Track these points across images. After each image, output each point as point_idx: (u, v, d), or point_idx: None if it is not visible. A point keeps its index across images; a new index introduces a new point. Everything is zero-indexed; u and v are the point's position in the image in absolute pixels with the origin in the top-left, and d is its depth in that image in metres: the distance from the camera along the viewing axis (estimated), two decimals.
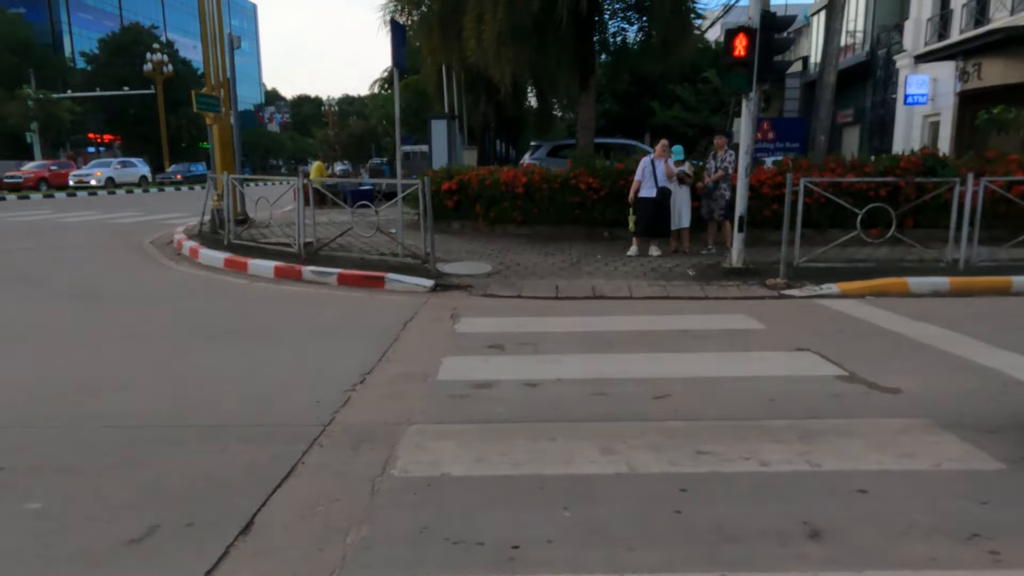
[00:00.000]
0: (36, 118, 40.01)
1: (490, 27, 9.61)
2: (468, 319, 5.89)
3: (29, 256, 9.61)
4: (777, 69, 7.82)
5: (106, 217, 16.45)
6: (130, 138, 52.07)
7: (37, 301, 6.64)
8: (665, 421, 3.43)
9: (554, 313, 6.21)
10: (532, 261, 8.73)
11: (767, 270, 7.86)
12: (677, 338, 5.21)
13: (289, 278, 7.94)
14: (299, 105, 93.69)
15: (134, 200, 24.03)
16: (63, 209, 19.10)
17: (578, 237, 10.54)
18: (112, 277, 8.07)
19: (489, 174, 11.00)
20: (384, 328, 5.52)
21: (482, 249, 9.70)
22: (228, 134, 12.86)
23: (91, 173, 31.10)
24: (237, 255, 8.91)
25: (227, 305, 6.54)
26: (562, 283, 7.49)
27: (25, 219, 15.74)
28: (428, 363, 4.50)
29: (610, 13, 11.62)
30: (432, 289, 7.29)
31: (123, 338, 5.21)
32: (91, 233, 12.86)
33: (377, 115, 26.43)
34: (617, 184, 10.01)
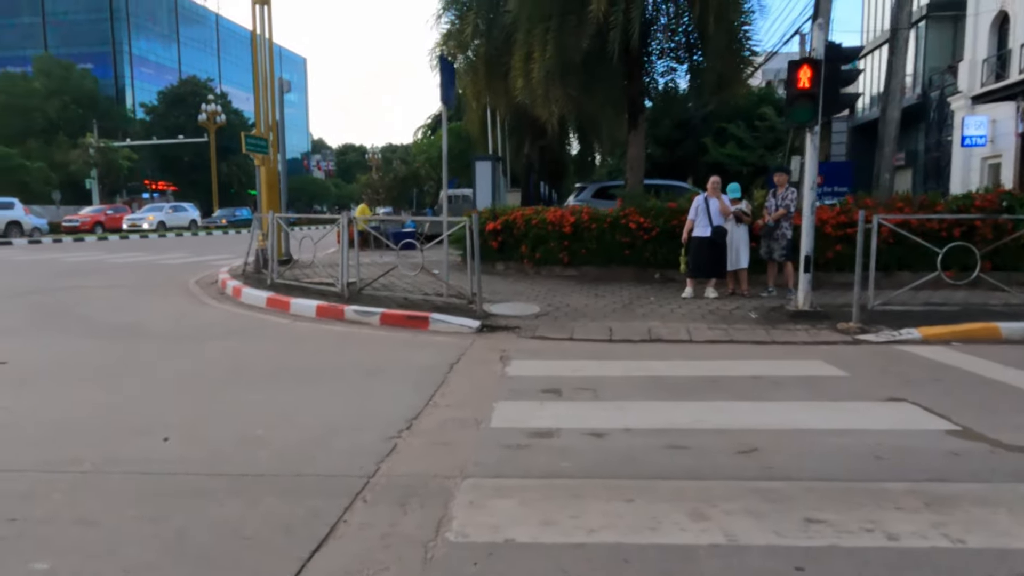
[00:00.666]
0: (96, 165, 41.87)
1: (539, 65, 9.50)
2: (518, 362, 5.51)
3: (76, 294, 9.65)
4: (843, 102, 7.42)
5: (155, 259, 16.72)
6: (183, 184, 54.07)
7: (78, 338, 6.52)
8: (758, 481, 2.96)
9: (610, 356, 5.78)
10: (581, 302, 8.34)
11: (837, 313, 7.31)
12: (750, 384, 4.73)
13: (331, 318, 7.71)
14: (344, 153, 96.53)
15: (182, 243, 24.59)
16: (114, 251, 19.56)
17: (627, 278, 10.14)
18: (154, 315, 7.96)
19: (535, 214, 10.75)
20: (430, 369, 5.17)
21: (528, 290, 9.37)
22: (275, 176, 12.98)
23: (144, 217, 32.12)
24: (279, 294, 8.76)
25: (267, 345, 6.30)
26: (615, 325, 7.07)
27: (78, 260, 16.09)
28: (479, 408, 4.12)
29: (658, 53, 11.47)
30: (478, 330, 6.95)
31: (159, 377, 4.98)
32: (138, 273, 12.99)
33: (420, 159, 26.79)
34: (669, 223, 9.63)
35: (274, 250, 9.65)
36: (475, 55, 13.55)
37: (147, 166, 52.83)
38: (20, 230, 25.26)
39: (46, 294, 9.59)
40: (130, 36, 64.04)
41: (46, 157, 43.03)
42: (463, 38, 13.26)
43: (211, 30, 76.31)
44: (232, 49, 76.31)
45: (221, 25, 77.30)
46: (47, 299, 9.08)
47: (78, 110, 50.75)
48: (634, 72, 10.60)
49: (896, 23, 9.84)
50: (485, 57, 13.34)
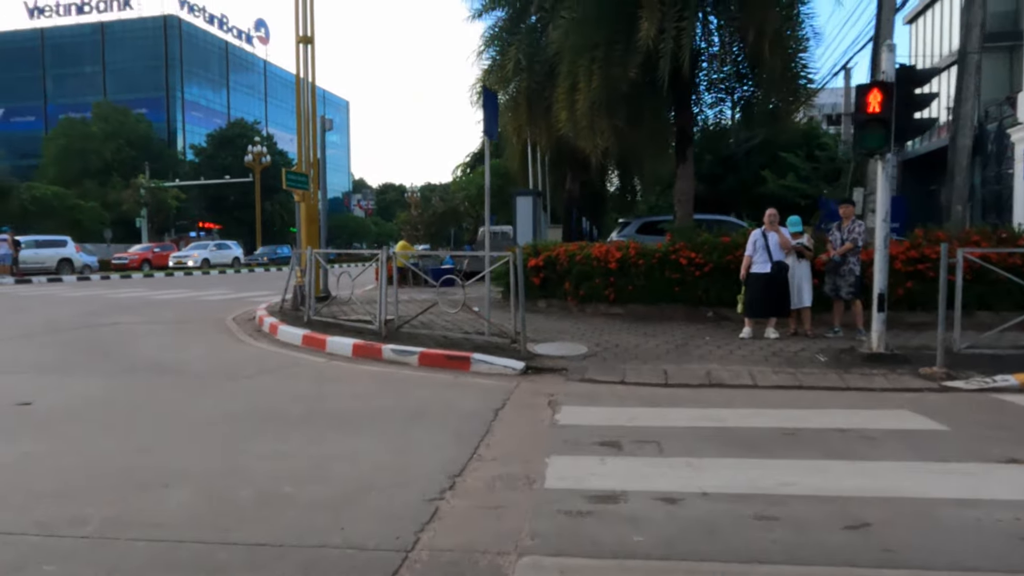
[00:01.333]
0: (146, 204, 43.26)
1: (584, 96, 9.21)
2: (569, 408, 5.03)
3: (113, 331, 9.54)
4: (918, 127, 6.89)
5: (196, 295, 16.80)
6: (228, 222, 55.49)
7: (109, 376, 6.29)
8: (882, 569, 2.42)
9: (668, 403, 5.26)
10: (631, 342, 7.83)
11: (916, 357, 6.65)
12: (837, 439, 4.15)
13: (368, 357, 7.36)
14: (384, 192, 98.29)
15: (225, 279, 24.88)
16: (158, 288, 19.80)
17: (678, 317, 9.59)
18: (188, 352, 7.74)
19: (579, 249, 10.34)
20: (472, 416, 4.73)
21: (573, 329, 8.90)
22: (315, 212, 12.91)
23: (189, 255, 32.82)
24: (316, 332, 8.48)
25: (300, 385, 5.95)
26: (670, 368, 6.54)
27: (122, 296, 16.25)
28: (530, 463, 3.65)
29: (706, 84, 11.09)
30: (523, 372, 6.50)
31: (184, 420, 4.65)
32: (178, 310, 12.95)
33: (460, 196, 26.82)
34: (723, 259, 9.10)
35: (311, 287, 9.42)
36: (516, 90, 13.40)
37: (195, 205, 54.46)
38: (71, 267, 25.95)
39: (85, 330, 9.51)
40: (183, 82, 66.94)
41: (100, 197, 44.72)
42: (504, 73, 13.14)
43: (259, 76, 79.34)
44: (278, 93, 79.06)
45: (269, 71, 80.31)
46: (85, 335, 8.98)
47: (132, 152, 52.87)
48: (682, 102, 10.22)
49: (965, 46, 9.28)
50: (526, 92, 13.18)
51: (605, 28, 8.97)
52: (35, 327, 9.84)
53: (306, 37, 12.63)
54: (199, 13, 69.06)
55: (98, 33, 66.97)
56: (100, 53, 66.97)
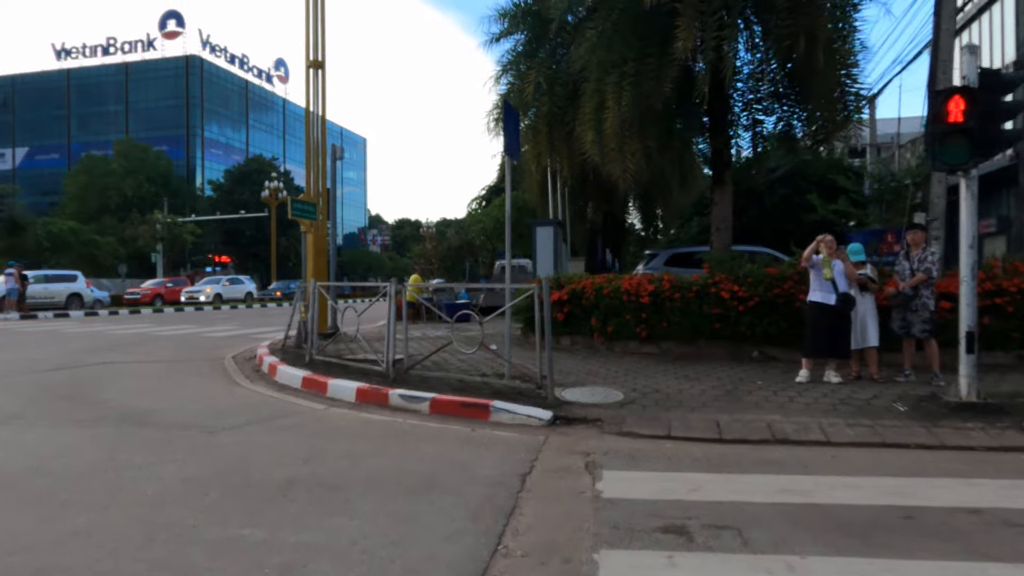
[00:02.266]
0: (162, 239, 43.20)
1: (613, 114, 8.44)
2: (613, 474, 4.10)
3: (98, 372, 8.76)
4: (1007, 139, 6.01)
5: (202, 331, 16.08)
6: (244, 257, 55.44)
7: (71, 426, 5.45)
8: None
9: (732, 466, 4.31)
10: (672, 387, 6.87)
11: (1015, 407, 5.65)
12: (974, 526, 3.18)
13: (373, 403, 6.48)
14: (399, 228, 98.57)
15: (235, 315, 24.24)
16: (165, 323, 19.14)
17: (718, 357, 8.63)
18: (172, 398, 6.90)
19: (607, 282, 9.47)
20: (494, 485, 3.82)
21: (602, 370, 7.97)
22: (323, 243, 12.20)
23: (201, 290, 32.37)
24: (317, 374, 7.63)
25: (289, 440, 5.07)
26: (723, 419, 5.58)
27: (125, 332, 15.56)
28: (573, 561, 2.73)
29: (742, 105, 10.28)
30: (551, 423, 5.58)
31: (135, 490, 3.77)
32: (179, 347, 12.19)
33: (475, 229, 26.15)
34: (769, 292, 8.18)
35: (314, 322, 8.61)
36: (536, 115, 12.72)
37: (211, 240, 54.56)
38: (80, 302, 25.47)
39: (68, 371, 8.73)
40: (203, 120, 67.95)
41: (118, 232, 44.79)
42: (523, 98, 12.48)
43: (278, 114, 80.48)
44: (297, 131, 79.96)
45: (288, 109, 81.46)
46: (65, 377, 8.20)
47: (152, 188, 53.30)
48: (719, 122, 9.41)
49: None
50: (547, 117, 12.48)
51: (637, 41, 8.24)
52: (16, 367, 9.09)
53: (316, 62, 12.11)
54: (220, 53, 70.47)
55: (122, 73, 68.45)
56: (124, 92, 68.33)
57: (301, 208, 10.90)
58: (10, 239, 32.01)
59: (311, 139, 12.25)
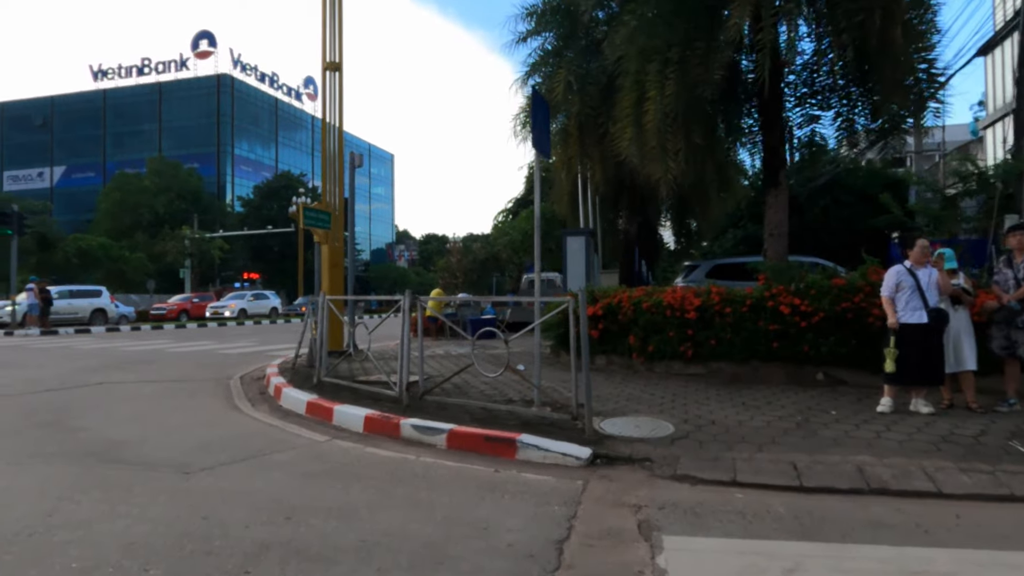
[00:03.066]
0: (191, 255, 43.33)
1: (655, 108, 7.54)
2: (676, 542, 3.16)
3: (92, 393, 8.08)
4: None
5: (218, 347, 15.48)
6: (272, 272, 55.58)
7: (34, 461, 4.70)
8: None
9: (830, 531, 3.34)
10: (730, 417, 5.88)
11: None
12: None
13: (382, 434, 5.63)
14: (426, 243, 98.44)
15: (257, 330, 23.74)
16: (183, 339, 18.63)
17: (776, 380, 7.60)
18: (161, 425, 6.14)
19: (647, 296, 8.52)
20: (521, 560, 2.92)
21: (644, 395, 7.01)
22: (339, 255, 11.47)
23: (226, 305, 32.10)
24: (324, 398, 6.82)
25: (274, 485, 4.22)
26: (800, 459, 4.60)
27: (139, 349, 15.02)
28: None
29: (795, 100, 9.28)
30: (590, 462, 4.66)
31: (65, 562, 2.95)
32: (189, 365, 11.53)
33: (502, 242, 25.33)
34: (836, 307, 7.15)
35: (323, 339, 7.81)
36: (567, 118, 11.91)
37: (240, 256, 54.78)
38: (105, 317, 25.26)
39: (60, 392, 8.06)
40: (233, 138, 68.76)
41: (149, 248, 45.09)
42: (553, 99, 11.67)
43: (307, 131, 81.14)
44: None
45: (316, 126, 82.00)
46: (53, 400, 7.51)
47: (183, 205, 53.78)
48: (773, 116, 8.42)
49: None
50: (578, 118, 11.66)
51: (682, 24, 7.35)
52: (9, 387, 8.46)
53: (333, 64, 11.47)
54: (251, 71, 71.41)
55: (156, 93, 69.71)
56: (157, 112, 69.53)
57: (315, 217, 10.19)
58: (41, 255, 32.19)
59: (327, 146, 11.58)
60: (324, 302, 7.91)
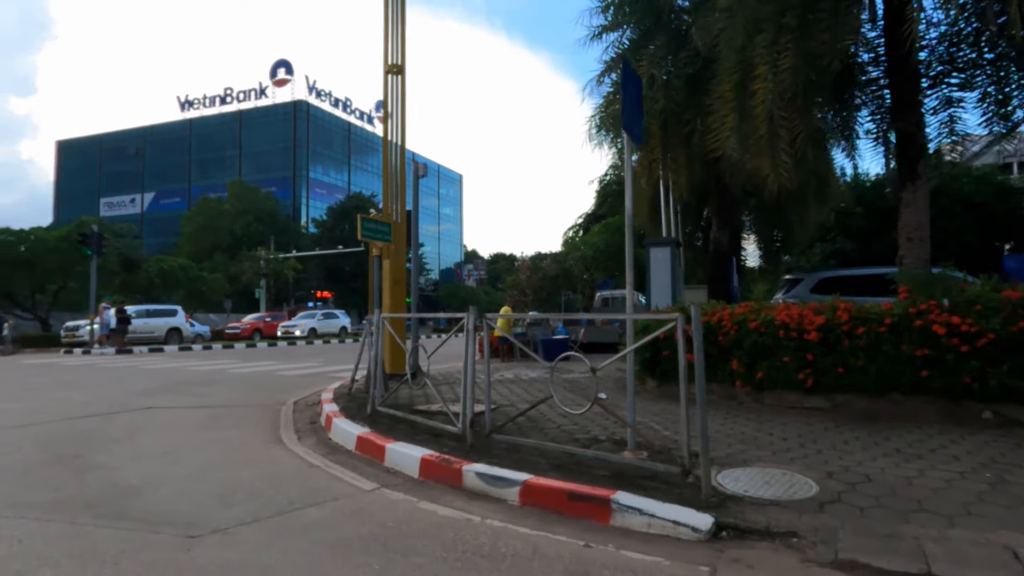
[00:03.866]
0: (265, 275, 44.26)
1: (765, 87, 6.28)
2: None
3: (136, 420, 7.44)
4: None
5: (280, 367, 14.97)
6: (343, 292, 56.34)
7: (21, 511, 3.89)
8: None
9: None
10: (889, 471, 4.50)
11: None
12: None
13: (441, 481, 4.59)
14: (494, 262, 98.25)
15: (324, 350, 23.43)
16: (248, 359, 18.36)
17: (926, 417, 6.11)
18: (188, 463, 5.31)
19: (753, 313, 7.19)
20: None
21: (760, 435, 5.69)
22: (401, 271, 10.65)
23: (297, 324, 32.23)
24: (377, 432, 5.86)
25: (299, 558, 3.23)
26: (1018, 541, 3.24)
27: (202, 369, 14.69)
28: None
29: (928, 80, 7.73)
30: (713, 535, 3.45)
31: None
32: (245, 388, 10.92)
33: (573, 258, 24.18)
34: (1011, 327, 5.64)
35: (378, 364, 6.88)
36: (648, 116, 10.73)
37: (313, 276, 55.81)
38: (179, 336, 25.62)
39: (101, 419, 7.46)
40: (308, 162, 70.76)
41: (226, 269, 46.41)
42: None
43: (378, 153, 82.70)
44: None
45: None
46: (90, 428, 6.88)
47: (260, 227, 55.34)
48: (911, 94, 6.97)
49: None
50: (661, 116, 10.46)
51: None
52: (48, 411, 7.96)
53: (395, 66, 10.75)
54: (325, 97, 73.52)
55: (237, 121, 72.75)
56: (238, 138, 72.50)
57: (373, 228, 9.38)
58: (126, 275, 33.31)
59: (390, 159, 10.85)
60: (380, 321, 7.00)
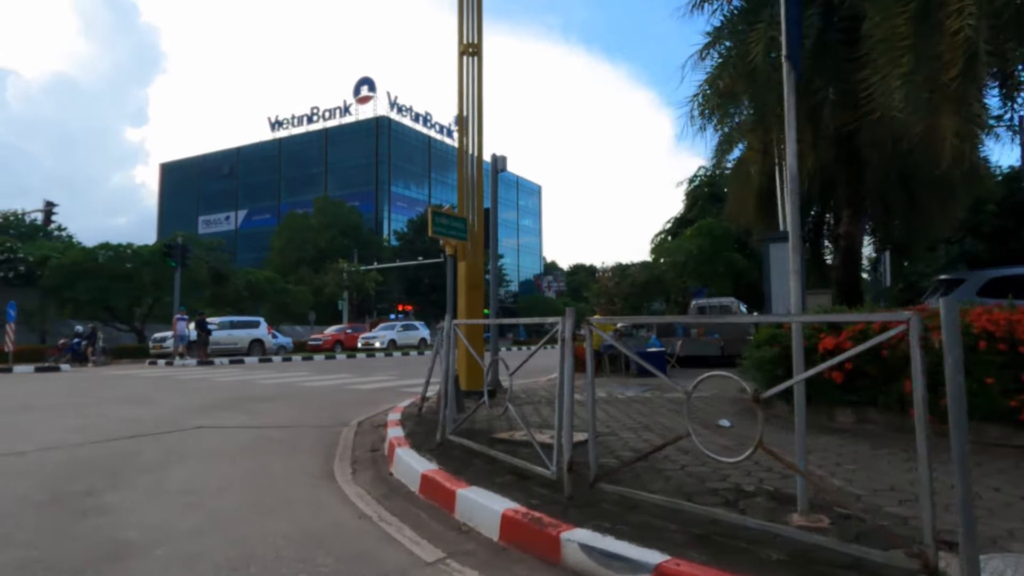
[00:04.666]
0: (347, 287, 44.67)
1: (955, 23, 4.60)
2: None
3: (177, 443, 6.54)
4: None
5: (354, 381, 14.12)
6: (423, 304, 56.44)
7: None
8: None
9: None
10: None
11: None
12: None
13: (530, 551, 3.24)
14: (574, 273, 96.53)
15: (402, 362, 22.68)
16: (324, 371, 17.72)
17: None
18: (209, 509, 4.21)
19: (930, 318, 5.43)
20: None
21: (978, 488, 3.99)
22: (478, 275, 9.45)
23: (376, 336, 31.90)
24: (446, 469, 4.58)
25: None
26: None
27: (274, 382, 14.05)
28: None
29: None
30: None
31: None
32: (310, 404, 10.00)
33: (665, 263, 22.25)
34: None
35: (448, 380, 5.61)
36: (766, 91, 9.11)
37: (394, 289, 56.18)
38: (262, 348, 25.62)
39: (141, 440, 6.60)
40: (390, 177, 71.88)
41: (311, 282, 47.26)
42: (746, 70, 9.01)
43: None
44: None
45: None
46: (122, 453, 5.99)
47: (344, 241, 56.39)
48: None
49: None
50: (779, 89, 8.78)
51: None
52: (96, 429, 7.20)
53: (470, 46, 9.63)
54: (406, 112, 74.59)
55: (322, 138, 74.97)
56: (324, 155, 74.66)
57: (446, 224, 8.23)
58: (215, 288, 34.16)
59: (464, 149, 9.73)
60: (451, 329, 5.75)
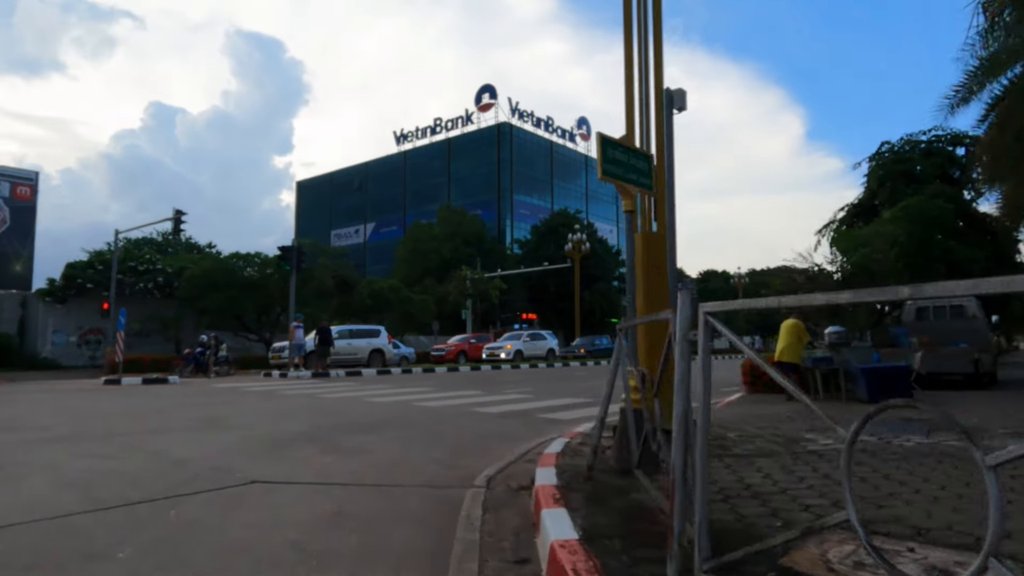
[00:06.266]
0: (471, 295, 43.05)
1: None
2: None
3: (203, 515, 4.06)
4: None
5: (477, 401, 11.48)
6: (548, 313, 53.98)
7: None
8: None
9: None
10: None
11: None
12: None
13: None
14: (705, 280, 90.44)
15: (531, 376, 19.92)
16: (447, 387, 15.26)
17: None
18: None
19: None
20: None
21: None
22: (660, 253, 6.32)
23: (502, 346, 29.55)
24: None
25: None
26: None
27: (387, 400, 11.73)
28: None
29: None
30: None
31: None
32: (419, 437, 7.39)
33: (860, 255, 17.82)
34: None
35: (638, 423, 2.59)
36: None
37: (518, 297, 54.15)
38: (382, 358, 23.96)
39: (159, 505, 4.14)
40: (512, 184, 70.29)
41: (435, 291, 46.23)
42: None
43: (580, 172, 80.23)
44: (599, 190, 78.44)
45: (590, 166, 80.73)
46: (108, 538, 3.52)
47: (467, 249, 55.25)
48: None
49: None
50: None
51: None
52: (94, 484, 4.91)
53: None
54: (527, 118, 72.82)
55: (445, 149, 74.93)
56: (447, 165, 74.57)
57: (622, 162, 5.18)
58: (340, 297, 33.48)
59: (631, 55, 6.69)
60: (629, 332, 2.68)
